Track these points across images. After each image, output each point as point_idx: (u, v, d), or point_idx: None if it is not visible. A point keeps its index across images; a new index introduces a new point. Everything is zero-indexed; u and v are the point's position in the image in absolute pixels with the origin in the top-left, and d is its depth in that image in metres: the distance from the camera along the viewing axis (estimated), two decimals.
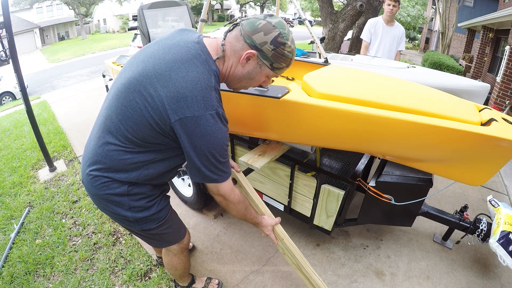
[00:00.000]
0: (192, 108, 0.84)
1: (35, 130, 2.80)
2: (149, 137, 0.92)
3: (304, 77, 1.42)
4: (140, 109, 0.88)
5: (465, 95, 1.90)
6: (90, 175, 1.00)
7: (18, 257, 1.90)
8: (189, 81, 0.85)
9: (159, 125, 0.88)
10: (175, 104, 0.84)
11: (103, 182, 0.99)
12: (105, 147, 0.96)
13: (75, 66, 12.89)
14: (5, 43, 2.56)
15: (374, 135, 1.22)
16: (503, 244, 1.48)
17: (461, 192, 2.59)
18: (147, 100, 0.86)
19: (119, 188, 1.00)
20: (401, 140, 1.20)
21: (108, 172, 0.98)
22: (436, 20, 15.14)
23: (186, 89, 0.84)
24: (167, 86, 0.84)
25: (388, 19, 3.00)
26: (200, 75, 0.87)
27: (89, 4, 26.20)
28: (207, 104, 0.85)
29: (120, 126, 0.93)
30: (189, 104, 0.84)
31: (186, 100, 0.84)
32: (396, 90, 1.34)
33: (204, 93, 0.85)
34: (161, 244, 1.28)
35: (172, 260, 1.38)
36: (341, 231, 2.11)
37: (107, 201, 1.03)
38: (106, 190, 1.00)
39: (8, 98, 8.22)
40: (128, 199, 1.02)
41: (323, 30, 5.43)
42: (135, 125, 0.90)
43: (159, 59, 0.89)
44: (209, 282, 1.66)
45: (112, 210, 1.04)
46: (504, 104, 5.06)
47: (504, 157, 1.12)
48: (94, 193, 1.02)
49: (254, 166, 1.42)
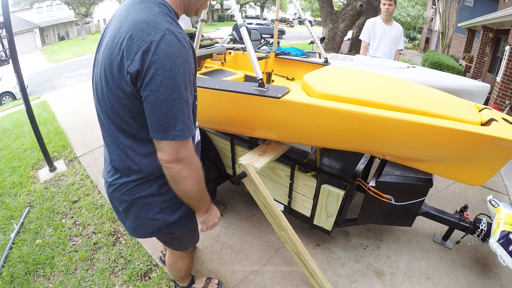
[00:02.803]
0: (141, 39, 0.72)
1: (35, 130, 2.80)
2: (129, 110, 0.81)
3: (304, 77, 1.42)
4: (108, 86, 0.80)
5: (465, 95, 1.90)
6: (114, 184, 0.95)
7: (18, 257, 1.90)
8: (134, 20, 0.75)
9: (124, 87, 0.77)
10: (125, 50, 0.73)
11: (130, 188, 0.93)
12: (116, 149, 0.91)
13: (75, 66, 12.88)
14: (5, 43, 2.57)
15: (374, 135, 1.22)
16: (503, 244, 1.49)
17: (461, 192, 2.59)
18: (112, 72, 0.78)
19: (149, 188, 0.93)
20: (401, 140, 1.20)
21: (131, 175, 0.92)
22: (436, 20, 15.14)
23: (129, 31, 0.73)
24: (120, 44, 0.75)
25: (386, 18, 3.01)
26: (141, 12, 0.76)
27: (89, 4, 26.21)
28: (157, 26, 0.73)
29: (113, 120, 0.86)
30: (136, 37, 0.72)
31: (132, 39, 0.72)
32: (396, 90, 1.34)
33: (148, 21, 0.74)
34: (178, 248, 1.25)
35: (176, 262, 1.37)
36: (341, 231, 2.11)
37: (136, 207, 0.96)
38: (136, 194, 0.93)
39: (8, 98, 8.21)
40: (159, 200, 0.96)
41: (323, 30, 5.44)
42: (117, 108, 0.82)
43: (109, 33, 0.81)
44: (208, 282, 1.66)
45: (142, 216, 0.97)
46: (504, 104, 5.06)
47: (504, 157, 1.12)
48: (124, 199, 0.95)
49: (254, 166, 1.43)
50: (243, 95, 1.35)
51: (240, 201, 2.40)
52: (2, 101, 8.08)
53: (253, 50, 1.36)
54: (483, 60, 8.34)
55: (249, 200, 2.35)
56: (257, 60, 1.36)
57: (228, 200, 2.41)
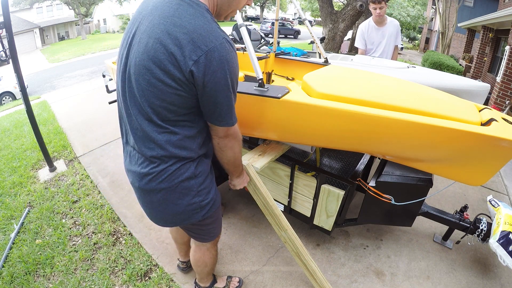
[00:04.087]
0: (203, 44, 0.82)
1: (35, 130, 2.80)
2: (173, 105, 0.89)
3: (304, 77, 1.42)
4: (158, 81, 0.86)
5: (465, 95, 1.89)
6: (151, 173, 0.98)
7: (18, 257, 1.90)
8: (189, 24, 0.82)
9: (177, 80, 0.85)
10: (186, 50, 0.81)
11: (170, 173, 0.98)
12: (149, 141, 0.94)
13: (75, 66, 12.88)
14: (5, 43, 2.57)
15: (374, 135, 1.22)
16: (503, 244, 1.48)
17: (461, 192, 2.59)
18: (163, 68, 0.84)
19: (187, 172, 1.00)
20: (401, 140, 1.20)
21: (170, 161, 0.97)
22: (436, 20, 15.15)
23: (189, 33, 0.81)
24: (174, 42, 0.82)
25: (379, 21, 2.90)
26: (197, 18, 0.84)
27: (89, 4, 26.21)
28: (216, 34, 0.84)
29: (147, 113, 0.91)
30: (197, 43, 0.81)
31: (194, 42, 0.81)
32: (396, 90, 1.34)
33: (207, 28, 0.83)
34: (207, 237, 1.28)
35: (204, 256, 1.37)
36: (341, 231, 2.11)
37: (175, 193, 1.01)
38: (175, 180, 0.99)
39: (8, 98, 8.21)
40: (196, 182, 1.03)
41: (323, 30, 5.44)
42: (162, 100, 0.88)
43: (150, 28, 0.85)
44: (230, 281, 1.66)
45: (179, 202, 1.03)
46: (504, 104, 5.06)
47: (504, 157, 1.12)
48: (162, 187, 0.99)
49: (254, 166, 1.43)
50: (243, 95, 1.34)
51: (240, 201, 2.41)
52: (2, 101, 8.09)
53: (253, 50, 1.36)
54: (483, 60, 8.34)
55: (249, 200, 2.35)
56: (257, 60, 1.36)
57: (228, 200, 2.41)
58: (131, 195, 2.51)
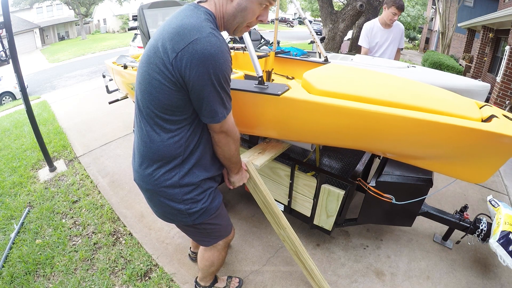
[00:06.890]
0: (187, 37, 0.83)
1: (35, 130, 2.80)
2: (170, 104, 0.92)
3: (304, 75, 1.42)
4: (151, 76, 0.90)
5: (465, 94, 1.88)
6: (140, 173, 1.05)
7: (18, 257, 1.90)
8: (182, 23, 0.86)
9: (167, 77, 0.87)
10: (171, 44, 0.84)
11: (156, 178, 1.02)
12: (147, 139, 0.99)
13: (75, 66, 12.89)
14: (5, 43, 2.57)
15: (374, 132, 1.21)
16: (503, 244, 1.48)
17: (461, 192, 2.59)
18: (157, 64, 0.88)
19: (170, 180, 1.02)
20: (401, 137, 1.20)
21: (157, 163, 1.01)
22: (436, 20, 15.14)
23: (176, 28, 0.85)
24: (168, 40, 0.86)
25: (389, 24, 2.90)
26: (190, 17, 0.87)
27: (89, 4, 26.21)
28: (201, 29, 0.84)
29: (149, 108, 0.94)
30: (182, 35, 0.83)
31: (179, 34, 0.83)
32: (396, 87, 1.33)
33: (194, 23, 0.85)
34: (209, 240, 1.27)
35: (212, 256, 1.36)
36: (341, 231, 2.11)
37: (159, 196, 1.05)
38: (159, 185, 1.03)
39: (8, 98, 8.20)
40: (180, 192, 1.04)
41: (323, 30, 5.43)
42: (157, 98, 0.91)
43: (162, 30, 0.91)
44: (230, 281, 1.66)
45: (166, 204, 1.07)
46: (504, 104, 5.06)
47: (505, 153, 1.11)
48: (149, 188, 1.06)
49: (254, 164, 1.42)
50: (243, 93, 1.34)
51: (240, 201, 2.40)
52: (2, 101, 8.08)
53: (253, 48, 1.36)
54: (483, 60, 8.34)
55: (249, 200, 2.35)
56: (257, 59, 1.36)
57: (228, 200, 2.41)
58: (131, 195, 2.51)
